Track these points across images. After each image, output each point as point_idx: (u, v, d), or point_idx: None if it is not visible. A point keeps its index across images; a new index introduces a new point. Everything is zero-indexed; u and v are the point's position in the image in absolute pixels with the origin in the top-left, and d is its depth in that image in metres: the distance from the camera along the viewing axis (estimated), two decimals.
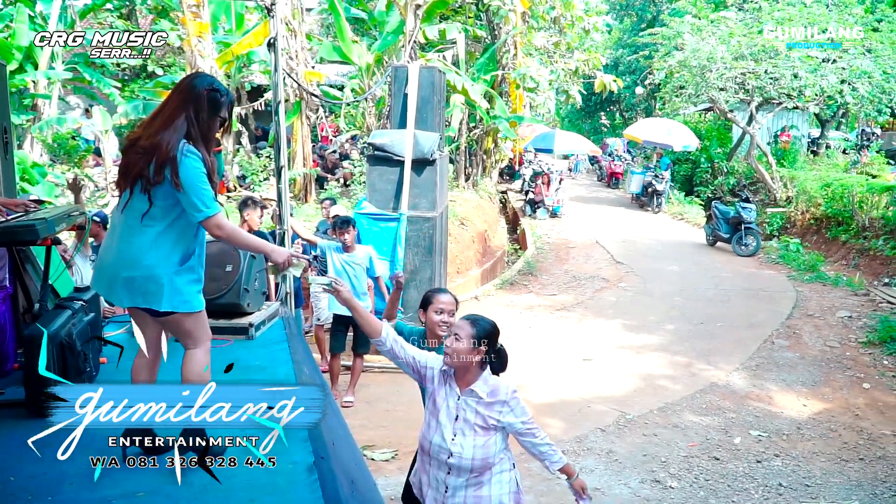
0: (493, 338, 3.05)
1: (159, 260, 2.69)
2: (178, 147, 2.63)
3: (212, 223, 2.68)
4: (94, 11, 19.41)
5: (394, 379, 7.33)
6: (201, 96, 2.73)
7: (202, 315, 2.88)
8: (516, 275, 11.90)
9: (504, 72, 15.73)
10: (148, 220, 2.69)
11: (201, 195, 2.65)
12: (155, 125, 2.69)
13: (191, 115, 2.69)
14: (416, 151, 7.34)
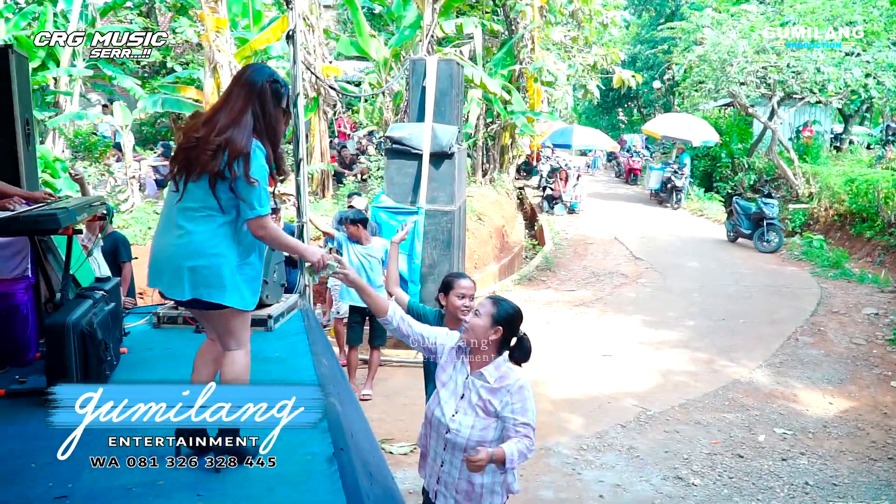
0: (513, 322, 2.96)
1: (223, 250, 2.67)
2: (251, 144, 2.62)
3: (258, 223, 2.65)
4: (114, 9, 19.58)
5: (412, 373, 7.29)
6: (265, 89, 2.71)
7: (249, 316, 2.86)
8: (534, 270, 11.83)
9: (521, 66, 15.64)
10: (210, 213, 2.66)
11: (260, 194, 2.64)
12: (221, 122, 2.64)
13: (256, 109, 2.67)
14: (435, 144, 7.29)
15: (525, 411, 2.87)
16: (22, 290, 4.21)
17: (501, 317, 2.94)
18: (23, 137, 4.51)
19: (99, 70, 16.49)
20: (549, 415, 6.19)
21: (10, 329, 4.09)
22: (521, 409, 2.88)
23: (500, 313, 2.95)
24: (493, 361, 2.95)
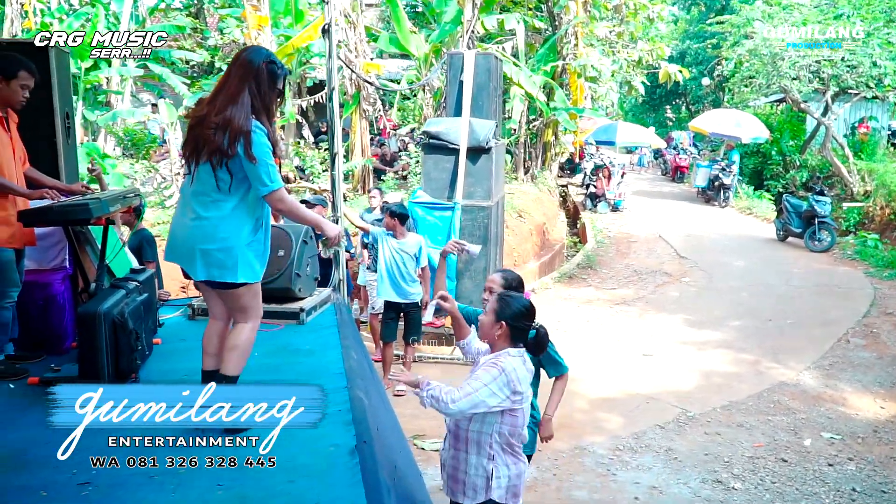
0: (517, 318, 2.99)
1: (233, 232, 2.77)
2: (250, 122, 2.70)
3: (275, 197, 2.76)
4: (163, 10, 20.04)
5: (447, 369, 7.26)
6: (261, 70, 2.77)
7: (259, 290, 2.97)
8: (575, 268, 11.66)
9: (564, 63, 15.43)
10: (221, 194, 2.76)
11: (268, 170, 2.72)
12: (219, 101, 2.73)
13: (253, 89, 2.74)
14: (472, 139, 7.22)
15: (475, 379, 2.91)
16: (59, 280, 4.29)
17: (504, 313, 3.00)
18: (62, 130, 4.61)
19: (149, 70, 16.87)
20: (585, 414, 6.08)
21: (48, 318, 4.17)
22: (475, 378, 2.92)
23: (503, 310, 3.01)
24: (505, 350, 3.01)
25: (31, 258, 4.29)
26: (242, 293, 2.88)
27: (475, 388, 2.88)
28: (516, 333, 2.99)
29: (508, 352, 2.99)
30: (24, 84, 3.65)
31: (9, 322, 3.76)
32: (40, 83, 4.31)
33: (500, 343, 3.02)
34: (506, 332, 2.98)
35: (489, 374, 2.91)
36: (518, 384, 2.92)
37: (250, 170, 2.71)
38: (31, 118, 4.29)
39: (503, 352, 3.00)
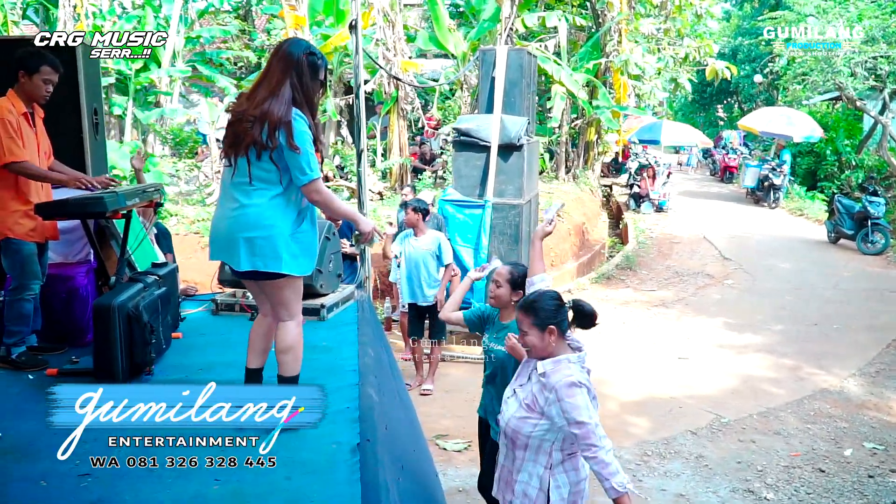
0: (557, 310, 2.83)
1: (277, 221, 2.76)
2: (291, 112, 2.70)
3: (312, 188, 2.74)
4: (212, 13, 20.45)
5: (474, 369, 7.16)
6: (301, 61, 2.77)
7: (300, 287, 2.96)
8: (614, 269, 11.44)
9: (608, 60, 15.18)
10: (262, 185, 2.75)
11: (308, 159, 2.71)
12: (260, 95, 2.73)
13: (294, 81, 2.74)
14: (503, 136, 7.13)
15: (577, 408, 2.67)
16: (83, 273, 4.37)
17: (545, 319, 2.82)
18: (90, 127, 4.68)
19: (197, 70, 17.22)
20: (613, 418, 5.92)
21: (71, 311, 4.25)
22: (571, 407, 2.69)
23: (541, 317, 2.83)
24: (554, 357, 2.81)
25: (56, 251, 4.38)
26: (283, 285, 2.86)
27: (586, 420, 2.65)
28: (563, 326, 2.84)
29: (569, 359, 2.79)
30: (47, 78, 3.71)
31: (30, 314, 3.83)
32: (68, 80, 4.42)
33: (558, 348, 2.83)
34: (557, 332, 2.80)
35: (583, 396, 2.69)
36: (590, 387, 2.79)
37: (291, 159, 2.70)
38: (58, 114, 4.40)
39: (562, 362, 2.78)
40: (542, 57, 12.64)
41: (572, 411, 2.69)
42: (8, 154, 3.53)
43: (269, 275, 2.83)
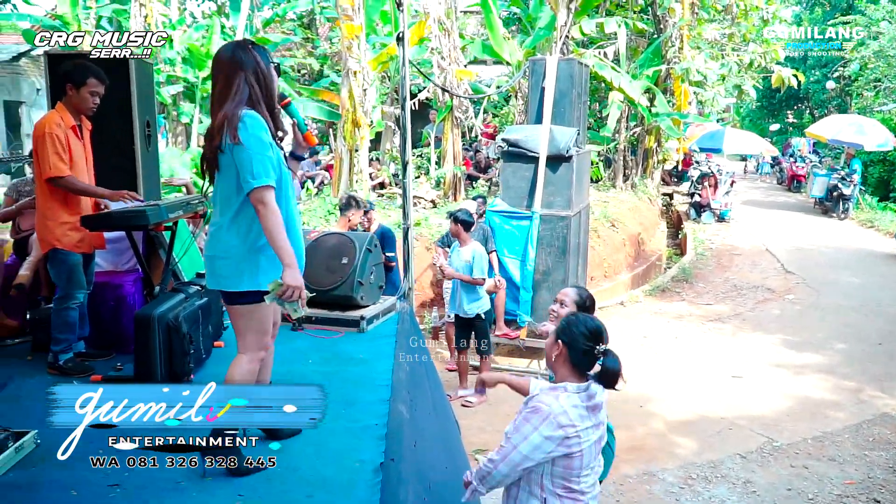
0: (575, 339, 2.61)
1: (236, 238, 2.60)
2: (239, 111, 2.51)
3: (257, 195, 2.47)
4: (277, 21, 20.91)
5: None
6: (249, 55, 2.59)
7: (258, 319, 2.71)
8: (669, 281, 11.16)
9: (668, 66, 14.85)
10: (225, 201, 2.61)
11: (255, 162, 2.47)
12: (213, 108, 2.61)
13: (247, 78, 2.56)
14: (552, 147, 7.03)
15: (515, 432, 2.56)
16: (131, 282, 4.50)
17: (564, 332, 2.66)
18: (142, 139, 4.83)
19: None
20: (658, 437, 5.76)
21: (118, 319, 4.38)
22: (514, 428, 2.59)
23: (563, 328, 2.68)
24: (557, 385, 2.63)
25: (105, 260, 4.54)
26: (240, 313, 2.68)
27: (514, 443, 2.53)
28: (577, 358, 2.61)
29: (566, 387, 2.58)
30: (94, 91, 3.83)
31: (76, 322, 3.97)
32: (121, 92, 4.57)
33: (559, 368, 2.66)
34: (564, 353, 2.62)
35: (530, 423, 2.51)
36: (572, 426, 2.50)
37: (238, 160, 2.48)
38: (110, 126, 4.55)
39: (558, 388, 2.60)
40: (599, 64, 12.46)
41: (513, 431, 2.57)
42: (53, 169, 3.66)
43: (228, 298, 2.68)
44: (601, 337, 2.63)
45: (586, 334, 2.62)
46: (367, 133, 11.07)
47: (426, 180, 12.54)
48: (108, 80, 3.92)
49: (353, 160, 11.00)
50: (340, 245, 5.03)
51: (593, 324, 2.67)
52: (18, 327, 4.53)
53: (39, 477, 2.71)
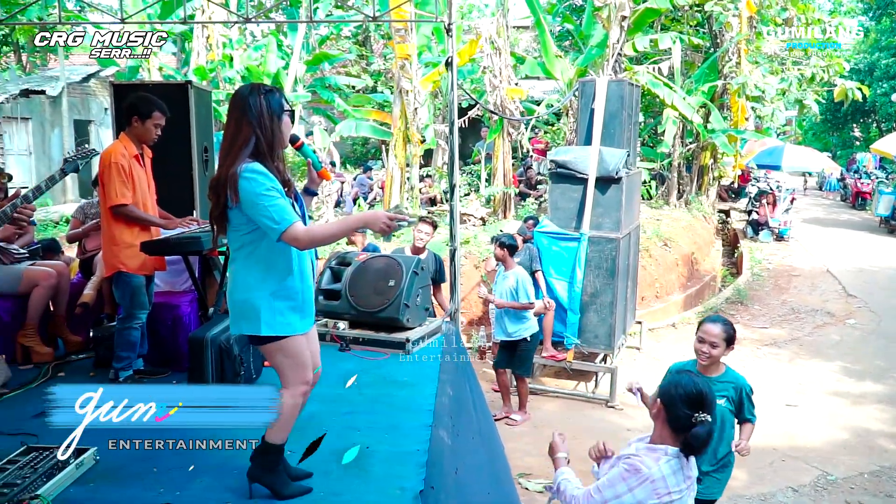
0: (674, 402, 2.53)
1: (252, 282, 2.62)
2: (237, 168, 2.52)
3: (289, 237, 2.52)
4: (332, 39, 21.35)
5: (567, 404, 7.07)
6: (260, 104, 2.58)
7: (296, 354, 2.72)
8: (723, 303, 10.93)
9: (725, 81, 14.60)
10: (238, 247, 2.66)
11: (267, 213, 2.50)
12: (220, 157, 2.62)
13: (255, 130, 2.57)
14: (601, 169, 7.01)
15: (608, 486, 2.51)
16: (187, 302, 4.68)
17: (665, 391, 2.60)
18: (200, 163, 5.04)
19: (317, 95, 18.00)
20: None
21: (175, 337, 4.56)
22: (608, 480, 2.53)
23: (665, 388, 2.62)
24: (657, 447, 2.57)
25: (163, 281, 4.73)
26: (273, 350, 2.69)
27: (605, 498, 2.50)
28: (675, 422, 2.53)
29: (666, 450, 2.52)
30: (157, 123, 4.03)
31: (137, 341, 4.15)
32: (180, 119, 4.79)
33: (658, 426, 2.59)
34: (662, 414, 2.56)
35: (625, 482, 2.47)
36: (668, 493, 2.46)
37: (252, 216, 2.53)
38: (170, 152, 4.75)
39: (658, 450, 2.54)
40: (652, 81, 12.34)
41: (606, 485, 2.51)
42: (119, 196, 3.86)
43: (256, 339, 2.69)
44: (702, 404, 2.53)
45: (686, 400, 2.54)
46: (418, 150, 11.21)
47: (476, 198, 12.60)
48: (169, 112, 4.10)
49: (404, 177, 11.14)
50: (388, 268, 5.11)
51: (695, 389, 2.56)
52: (82, 343, 4.75)
53: (97, 493, 2.83)
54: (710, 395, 2.57)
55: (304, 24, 17.18)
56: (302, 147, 2.84)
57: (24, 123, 16.96)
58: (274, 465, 2.74)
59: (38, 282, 4.46)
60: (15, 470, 2.75)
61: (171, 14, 13.89)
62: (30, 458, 2.88)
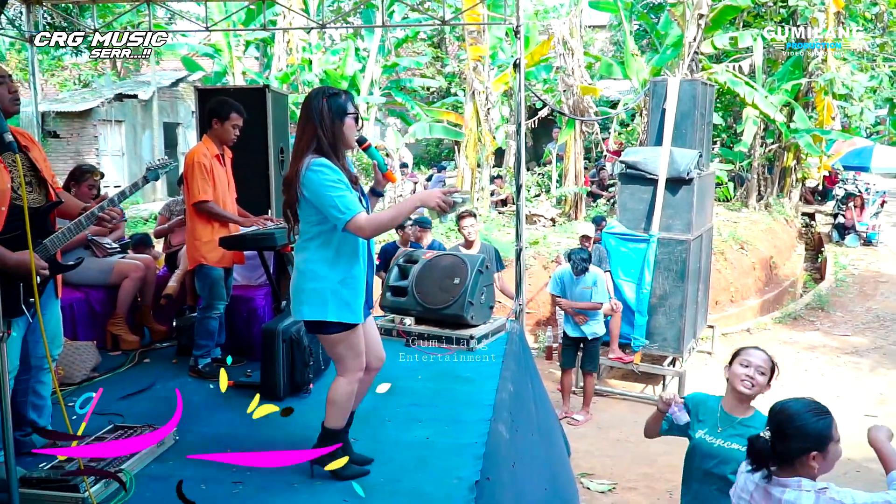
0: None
1: (322, 272, 2.77)
2: (305, 164, 2.70)
3: (353, 227, 2.66)
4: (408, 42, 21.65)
5: (632, 407, 7.02)
6: (323, 107, 2.74)
7: (353, 342, 2.86)
8: (803, 308, 10.55)
9: (810, 80, 14.07)
10: (308, 238, 2.82)
11: (333, 203, 2.66)
12: (293, 152, 2.82)
13: (318, 131, 2.72)
14: (672, 169, 6.93)
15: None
16: (262, 296, 4.92)
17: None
18: (276, 164, 5.28)
19: (392, 97, 18.32)
20: None
21: (250, 329, 4.81)
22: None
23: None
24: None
25: (240, 275, 4.99)
26: (334, 341, 2.84)
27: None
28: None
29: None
30: (235, 124, 4.27)
31: (216, 330, 4.41)
32: (257, 121, 5.03)
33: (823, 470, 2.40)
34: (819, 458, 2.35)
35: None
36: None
37: (320, 206, 2.69)
38: (247, 153, 5.00)
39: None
40: (732, 80, 12.03)
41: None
42: (201, 193, 4.12)
43: (316, 328, 2.84)
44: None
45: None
46: (489, 151, 11.29)
47: (546, 198, 12.58)
48: (247, 114, 4.34)
49: (475, 177, 11.24)
50: (453, 266, 5.22)
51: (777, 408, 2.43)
52: (166, 332, 5.07)
53: (175, 471, 3.04)
54: (781, 415, 2.38)
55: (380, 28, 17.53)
56: (368, 149, 2.98)
57: (118, 126, 17.95)
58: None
59: (127, 274, 4.79)
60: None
61: (255, 21, 14.44)
62: (116, 435, 3.12)
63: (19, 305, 2.80)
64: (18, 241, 2.66)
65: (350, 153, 2.98)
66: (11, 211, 2.77)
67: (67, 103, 17.29)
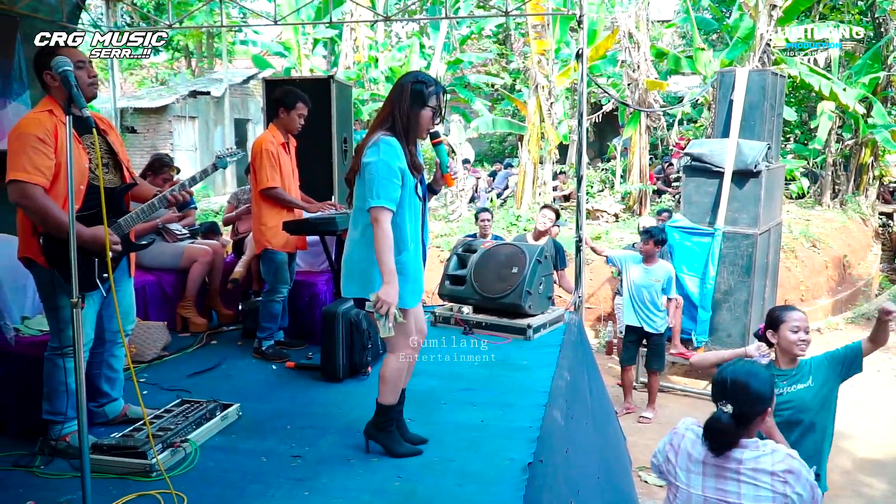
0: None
1: (367, 251, 2.76)
2: (374, 138, 2.75)
3: (373, 213, 2.69)
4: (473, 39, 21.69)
5: (694, 403, 6.88)
6: (405, 90, 2.79)
7: (405, 319, 2.87)
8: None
9: (889, 73, 13.46)
10: (358, 216, 2.84)
11: (375, 185, 2.68)
12: (369, 128, 2.88)
13: (395, 110, 2.78)
14: (738, 162, 6.75)
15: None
16: (324, 281, 5.05)
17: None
18: (339, 153, 5.41)
19: (456, 94, 18.40)
20: (845, 475, 5.34)
21: (312, 313, 4.93)
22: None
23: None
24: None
25: (303, 260, 5.14)
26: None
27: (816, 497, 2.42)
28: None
29: (698, 423, 2.60)
30: (301, 113, 4.39)
31: (279, 313, 4.54)
32: (322, 112, 5.16)
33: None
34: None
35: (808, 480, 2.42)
36: (675, 457, 2.63)
37: (366, 178, 2.73)
38: (312, 143, 5.14)
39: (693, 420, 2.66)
40: (807, 73, 11.62)
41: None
42: (269, 180, 4.26)
43: (364, 305, 2.83)
44: (724, 393, 2.50)
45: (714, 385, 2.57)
46: (552, 146, 11.23)
47: (610, 194, 12.43)
48: (312, 104, 4.45)
49: (537, 173, 11.20)
50: (512, 255, 5.24)
51: (720, 377, 2.55)
52: (233, 316, 5.25)
53: (237, 443, 3.18)
54: (736, 386, 2.44)
55: (445, 23, 17.61)
56: (438, 146, 3.01)
57: (192, 122, 18.61)
58: (387, 425, 2.99)
59: (196, 258, 4.99)
60: (170, 418, 3.14)
61: (324, 17, 14.74)
62: (183, 408, 3.27)
63: (94, 280, 2.92)
64: (95, 218, 2.79)
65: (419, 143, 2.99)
66: (89, 190, 2.93)
67: (144, 100, 17.99)
